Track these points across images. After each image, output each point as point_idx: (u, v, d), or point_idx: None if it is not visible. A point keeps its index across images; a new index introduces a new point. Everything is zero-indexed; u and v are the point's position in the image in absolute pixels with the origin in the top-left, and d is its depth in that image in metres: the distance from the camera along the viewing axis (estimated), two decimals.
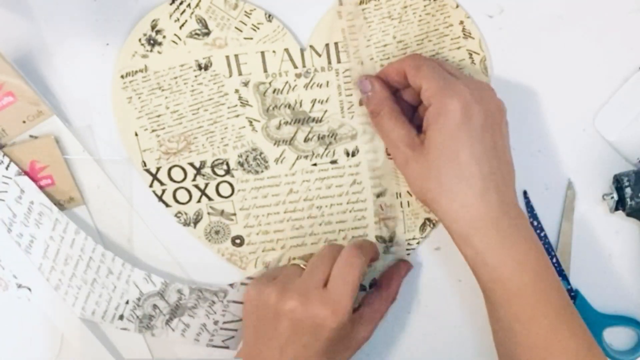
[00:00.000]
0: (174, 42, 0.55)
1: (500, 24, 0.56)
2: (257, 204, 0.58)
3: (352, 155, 0.58)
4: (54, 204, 0.57)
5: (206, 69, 0.56)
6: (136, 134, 0.57)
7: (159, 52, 0.56)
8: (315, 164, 0.58)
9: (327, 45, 0.56)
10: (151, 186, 0.58)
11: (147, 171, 0.58)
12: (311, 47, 0.56)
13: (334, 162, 0.58)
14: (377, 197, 0.58)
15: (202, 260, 0.60)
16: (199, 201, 0.58)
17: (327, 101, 0.57)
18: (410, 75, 0.52)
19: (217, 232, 0.59)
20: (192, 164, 0.58)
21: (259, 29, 0.55)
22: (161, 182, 0.58)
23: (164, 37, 0.55)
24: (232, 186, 0.58)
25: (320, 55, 0.56)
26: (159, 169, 0.58)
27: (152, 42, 0.55)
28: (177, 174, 0.58)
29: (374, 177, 0.58)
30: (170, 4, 0.55)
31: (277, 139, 0.57)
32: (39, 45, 0.56)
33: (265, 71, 0.56)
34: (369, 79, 0.55)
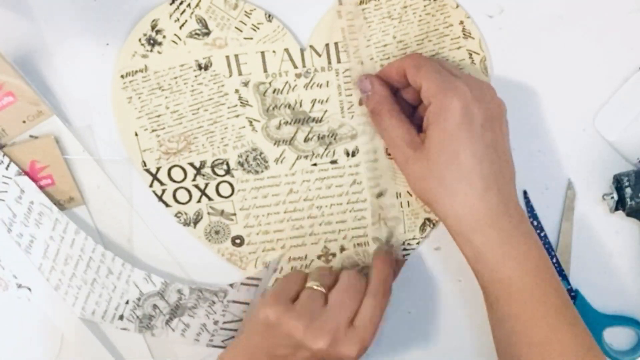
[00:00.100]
0: (174, 42, 0.55)
1: (500, 24, 0.56)
2: (257, 204, 0.58)
3: (352, 155, 0.58)
4: (54, 204, 0.57)
5: (206, 69, 0.56)
6: (136, 134, 0.57)
7: (159, 52, 0.56)
8: (315, 164, 0.58)
9: (327, 45, 0.56)
10: (151, 186, 0.58)
11: (147, 171, 0.58)
12: (311, 47, 0.56)
13: (334, 162, 0.58)
14: (377, 197, 0.58)
15: (202, 260, 0.60)
16: (199, 201, 0.58)
17: (327, 101, 0.57)
18: (410, 74, 0.52)
19: (217, 232, 0.59)
20: (192, 164, 0.58)
21: (259, 29, 0.55)
22: (161, 182, 0.58)
23: (164, 37, 0.55)
24: (232, 186, 0.58)
25: (320, 55, 0.56)
26: (159, 169, 0.58)
27: (152, 42, 0.55)
28: (177, 174, 0.58)
29: (374, 177, 0.58)
30: (170, 4, 0.55)
31: (277, 139, 0.57)
32: (39, 45, 0.56)
33: (265, 71, 0.56)
34: (368, 78, 0.55)
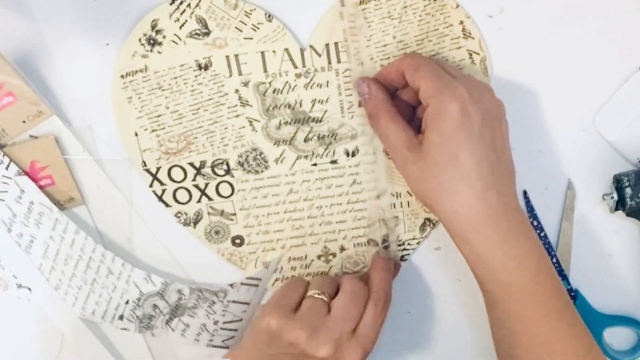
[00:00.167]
0: (174, 42, 0.55)
1: (500, 24, 0.56)
2: (257, 204, 0.58)
3: (352, 155, 0.58)
4: (54, 204, 0.57)
5: (206, 69, 0.56)
6: (136, 134, 0.57)
7: (159, 52, 0.56)
8: (315, 164, 0.58)
9: (327, 45, 0.56)
10: (151, 186, 0.58)
11: (147, 171, 0.58)
12: (311, 47, 0.56)
13: (334, 162, 0.58)
14: (377, 197, 0.58)
15: (202, 260, 0.60)
16: (199, 201, 0.58)
17: (327, 101, 0.57)
18: (408, 75, 0.52)
19: (217, 232, 0.59)
20: (192, 164, 0.58)
21: (259, 29, 0.55)
22: (161, 182, 0.58)
23: (164, 37, 0.55)
24: (232, 186, 0.58)
25: (320, 55, 0.56)
26: (159, 169, 0.58)
27: (152, 42, 0.55)
28: (177, 174, 0.58)
29: (374, 177, 0.58)
30: (170, 4, 0.55)
31: (277, 139, 0.57)
32: (39, 45, 0.56)
33: (265, 71, 0.56)
34: (366, 81, 0.55)
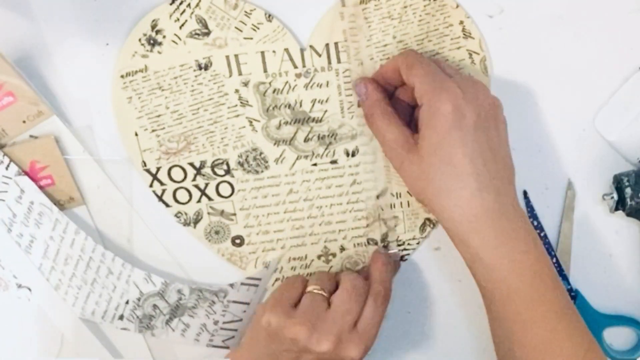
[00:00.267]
0: (174, 42, 0.55)
1: (500, 24, 0.56)
2: (257, 204, 0.58)
3: (352, 155, 0.58)
4: (54, 204, 0.57)
5: (206, 69, 0.56)
6: (136, 134, 0.57)
7: (159, 52, 0.56)
8: (315, 164, 0.58)
9: (327, 45, 0.56)
10: (151, 186, 0.58)
11: (147, 171, 0.58)
12: (311, 47, 0.56)
13: (334, 162, 0.58)
14: (377, 197, 0.58)
15: (202, 260, 0.60)
16: (199, 201, 0.58)
17: (327, 101, 0.57)
18: (403, 73, 0.52)
19: (217, 232, 0.59)
20: (192, 164, 0.58)
21: (259, 29, 0.55)
22: (161, 182, 0.58)
23: (164, 37, 0.55)
24: (232, 186, 0.58)
25: (320, 55, 0.56)
26: (159, 169, 0.58)
27: (152, 42, 0.55)
28: (177, 174, 0.58)
29: (374, 177, 0.58)
30: (170, 4, 0.55)
31: (277, 139, 0.57)
32: (39, 45, 0.56)
33: (265, 71, 0.56)
34: (363, 81, 0.55)
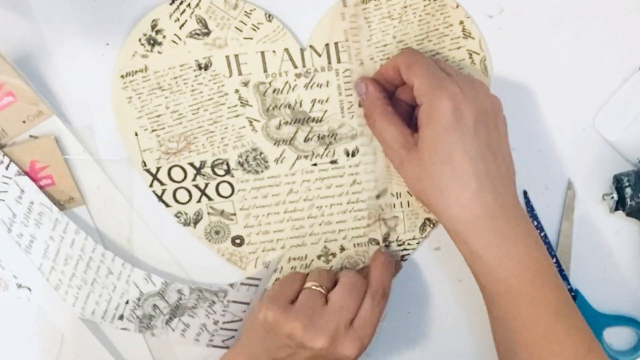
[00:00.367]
0: (174, 42, 0.55)
1: (500, 24, 0.56)
2: (257, 204, 0.58)
3: (352, 155, 0.58)
4: (54, 204, 0.57)
5: (206, 69, 0.56)
6: (136, 134, 0.57)
7: (159, 52, 0.56)
8: (315, 164, 0.58)
9: (327, 45, 0.56)
10: (151, 186, 0.58)
11: (147, 171, 0.58)
12: (311, 47, 0.56)
13: (334, 162, 0.58)
14: (377, 197, 0.58)
15: (202, 260, 0.60)
16: (199, 201, 0.58)
17: (327, 101, 0.57)
18: (403, 72, 0.52)
19: (217, 232, 0.59)
20: (192, 164, 0.58)
21: (259, 29, 0.55)
22: (161, 182, 0.58)
23: (164, 37, 0.55)
24: (232, 186, 0.58)
25: (320, 55, 0.56)
26: (159, 169, 0.58)
27: (152, 42, 0.55)
28: (177, 174, 0.58)
29: (374, 177, 0.58)
30: (170, 4, 0.55)
31: (277, 139, 0.57)
32: (39, 45, 0.56)
33: (265, 71, 0.56)
34: (364, 81, 0.55)
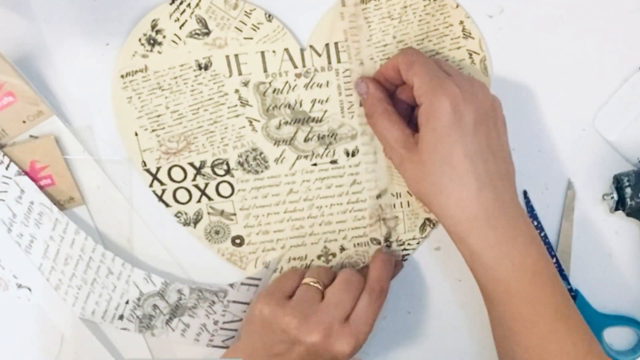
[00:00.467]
0: (174, 42, 0.55)
1: (500, 24, 0.56)
2: (257, 204, 0.58)
3: (352, 155, 0.58)
4: (54, 204, 0.57)
5: (206, 69, 0.56)
6: (136, 134, 0.57)
7: (159, 52, 0.56)
8: (315, 164, 0.58)
9: (327, 45, 0.56)
10: (151, 186, 0.58)
11: (147, 171, 0.58)
12: (311, 47, 0.56)
13: (334, 162, 0.58)
14: (377, 197, 0.58)
15: (202, 260, 0.60)
16: (199, 201, 0.58)
17: (327, 101, 0.57)
18: (403, 71, 0.52)
19: (217, 232, 0.59)
20: (192, 164, 0.58)
21: (259, 29, 0.55)
22: (161, 182, 0.58)
23: (164, 37, 0.55)
24: (232, 186, 0.58)
25: (320, 55, 0.56)
26: (159, 169, 0.58)
27: (152, 42, 0.55)
28: (177, 174, 0.58)
29: (374, 177, 0.58)
30: (170, 4, 0.55)
31: (277, 139, 0.57)
32: (39, 45, 0.56)
33: (265, 71, 0.56)
34: (364, 80, 0.55)
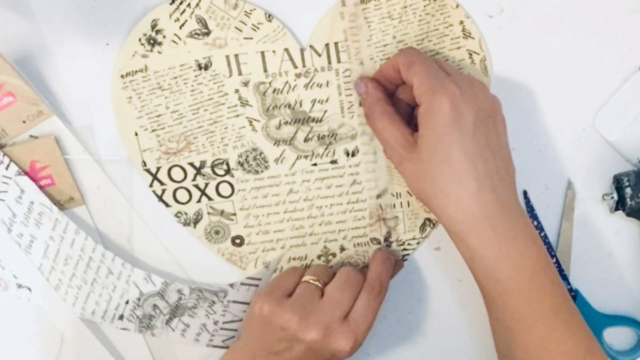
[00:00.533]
0: (174, 42, 0.55)
1: (500, 24, 0.56)
2: (257, 204, 0.58)
3: (352, 155, 0.58)
4: (54, 204, 0.57)
5: (206, 68, 0.56)
6: (136, 134, 0.57)
7: (159, 52, 0.56)
8: (315, 164, 0.58)
9: (327, 45, 0.56)
10: (151, 186, 0.58)
11: (147, 171, 0.58)
12: (311, 47, 0.56)
13: (334, 162, 0.58)
14: (377, 197, 0.58)
15: (202, 260, 0.60)
16: (199, 201, 0.58)
17: (327, 101, 0.57)
18: (403, 71, 0.52)
19: (217, 232, 0.59)
20: (192, 164, 0.58)
21: (259, 28, 0.55)
22: (161, 182, 0.58)
23: (164, 37, 0.55)
24: (232, 186, 0.58)
25: (320, 55, 0.56)
26: (159, 169, 0.58)
27: (152, 42, 0.55)
28: (177, 174, 0.58)
29: (374, 177, 0.58)
30: (170, 4, 0.55)
31: (277, 139, 0.57)
32: (39, 45, 0.56)
33: (265, 71, 0.56)
34: (364, 80, 0.55)
